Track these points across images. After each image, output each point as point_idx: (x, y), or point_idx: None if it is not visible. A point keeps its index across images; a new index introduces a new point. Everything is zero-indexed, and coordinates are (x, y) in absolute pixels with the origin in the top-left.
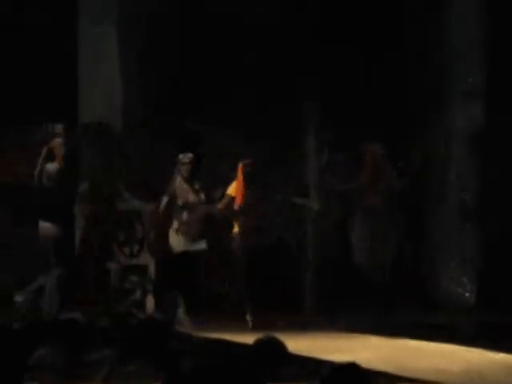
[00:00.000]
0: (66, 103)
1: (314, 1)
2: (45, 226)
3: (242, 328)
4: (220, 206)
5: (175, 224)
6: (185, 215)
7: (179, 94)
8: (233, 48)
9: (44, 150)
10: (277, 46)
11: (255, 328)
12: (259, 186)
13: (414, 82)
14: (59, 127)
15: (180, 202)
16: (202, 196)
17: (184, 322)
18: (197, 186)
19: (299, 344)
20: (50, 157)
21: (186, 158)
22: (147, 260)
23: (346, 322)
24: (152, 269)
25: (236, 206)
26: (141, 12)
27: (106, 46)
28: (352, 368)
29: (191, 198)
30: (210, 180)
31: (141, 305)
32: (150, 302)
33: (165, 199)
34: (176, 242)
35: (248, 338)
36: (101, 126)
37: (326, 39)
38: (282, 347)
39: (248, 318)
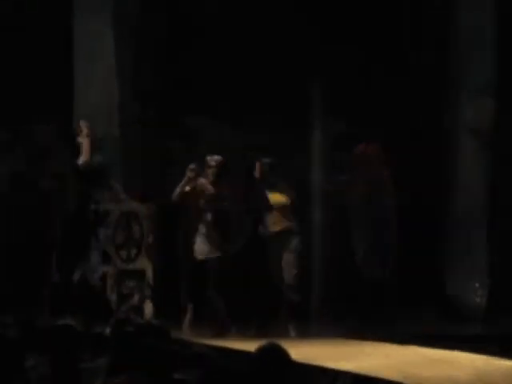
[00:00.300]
0: (62, 103)
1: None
2: None
3: (245, 335)
4: None
5: (201, 229)
6: (209, 218)
7: (178, 93)
8: (232, 46)
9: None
10: (278, 43)
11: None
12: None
13: (423, 79)
14: (84, 124)
15: (201, 203)
16: (226, 202)
17: (186, 331)
18: (224, 190)
19: (303, 351)
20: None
21: (212, 160)
22: (145, 264)
23: (350, 327)
24: (150, 273)
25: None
26: (138, 10)
27: (101, 45)
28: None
29: (214, 201)
30: None
31: (139, 311)
32: (148, 308)
33: (186, 188)
34: (201, 248)
35: (250, 346)
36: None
37: (328, 37)
38: (284, 355)
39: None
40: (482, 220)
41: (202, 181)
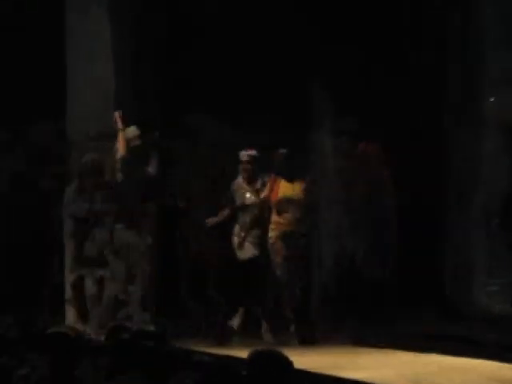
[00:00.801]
0: (57, 103)
1: None
2: None
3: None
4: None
5: (236, 228)
6: (244, 218)
7: (178, 93)
8: (232, 46)
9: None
10: (278, 42)
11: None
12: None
13: (423, 79)
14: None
15: (238, 203)
16: (261, 197)
17: (268, 339)
18: (258, 186)
19: (311, 360)
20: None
21: (245, 155)
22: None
23: (350, 328)
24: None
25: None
26: (137, 10)
27: (100, 45)
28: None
29: (249, 199)
30: None
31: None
32: (146, 313)
33: (225, 212)
34: (240, 248)
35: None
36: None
37: (328, 37)
38: (285, 361)
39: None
40: (481, 220)
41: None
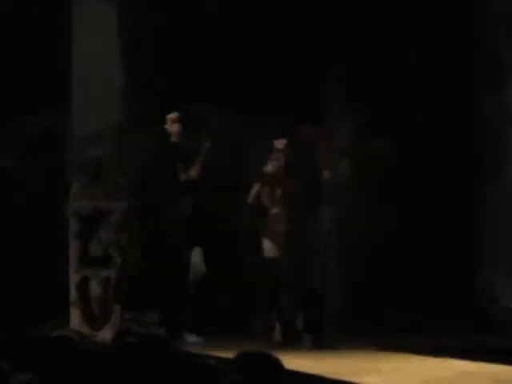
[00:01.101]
0: (61, 101)
1: None
2: None
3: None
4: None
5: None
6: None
7: (178, 92)
8: (233, 45)
9: None
10: (278, 42)
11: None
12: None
13: (469, 67)
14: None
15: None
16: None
17: (279, 342)
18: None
19: (327, 364)
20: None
21: (280, 143)
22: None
23: (376, 339)
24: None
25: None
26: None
27: (102, 44)
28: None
29: (278, 191)
30: None
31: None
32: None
33: (255, 188)
34: (267, 246)
35: None
36: None
37: (328, 37)
38: (275, 364)
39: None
40: None
41: None
